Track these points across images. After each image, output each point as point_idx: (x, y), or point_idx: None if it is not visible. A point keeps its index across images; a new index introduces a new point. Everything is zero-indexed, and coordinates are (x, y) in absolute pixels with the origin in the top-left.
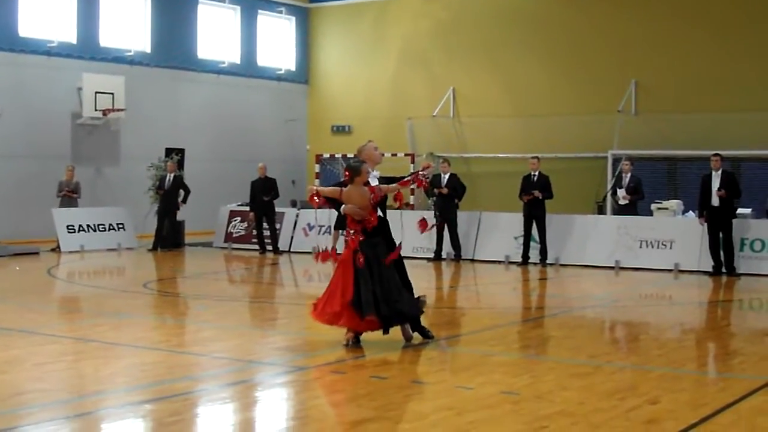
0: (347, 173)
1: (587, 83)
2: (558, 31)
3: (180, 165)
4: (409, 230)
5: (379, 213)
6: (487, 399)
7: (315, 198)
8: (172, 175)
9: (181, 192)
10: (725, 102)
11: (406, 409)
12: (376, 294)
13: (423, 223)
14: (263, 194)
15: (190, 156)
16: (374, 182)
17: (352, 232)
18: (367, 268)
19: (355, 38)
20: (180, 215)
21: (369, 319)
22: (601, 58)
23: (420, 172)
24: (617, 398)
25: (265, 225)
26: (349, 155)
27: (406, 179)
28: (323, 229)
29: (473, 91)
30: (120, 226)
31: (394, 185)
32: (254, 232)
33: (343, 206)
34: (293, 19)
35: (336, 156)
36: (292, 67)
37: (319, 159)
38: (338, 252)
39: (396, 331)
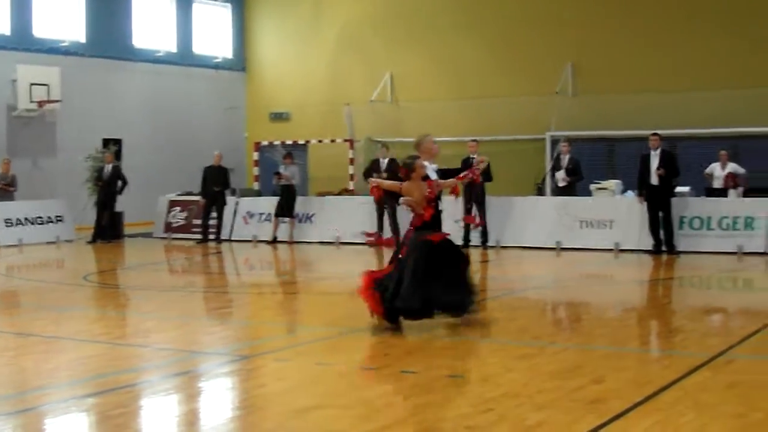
0: (402, 171)
1: (525, 65)
2: (495, 14)
3: (117, 155)
4: (350, 215)
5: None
6: (433, 383)
7: (375, 190)
8: (110, 165)
9: (120, 183)
10: (662, 82)
11: (351, 396)
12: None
13: (470, 219)
14: (215, 183)
15: (128, 146)
16: (433, 175)
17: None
18: (411, 261)
19: (292, 25)
20: (119, 206)
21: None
22: (538, 40)
23: (475, 167)
24: (562, 379)
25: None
26: (287, 142)
27: (463, 174)
28: (263, 216)
29: (411, 75)
30: (58, 218)
31: (451, 180)
32: (197, 221)
33: (401, 198)
34: (229, 6)
35: (275, 143)
36: (229, 55)
37: (257, 146)
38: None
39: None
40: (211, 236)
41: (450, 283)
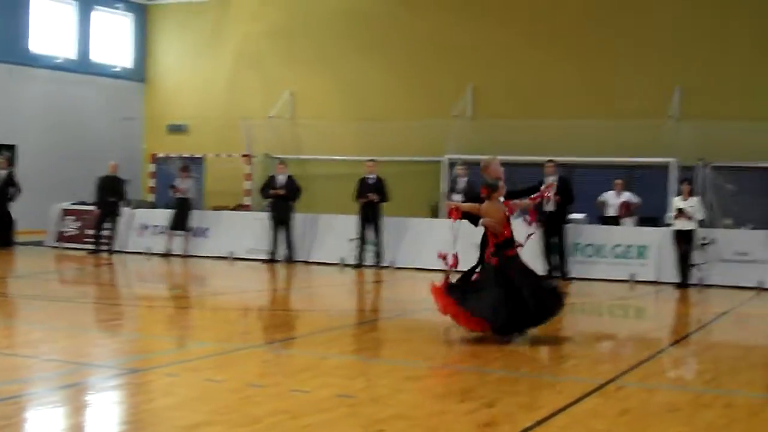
0: (485, 190)
1: (424, 87)
2: (395, 36)
3: (11, 161)
4: (245, 230)
5: None
6: (323, 402)
7: (454, 212)
8: (4, 171)
9: (12, 189)
10: (560, 109)
11: (240, 413)
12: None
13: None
14: (110, 193)
15: (22, 152)
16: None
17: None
18: (491, 278)
19: (192, 37)
20: (11, 213)
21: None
22: (438, 63)
23: (546, 194)
24: (454, 401)
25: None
26: (184, 155)
27: (535, 195)
28: (157, 229)
29: (310, 93)
30: None
31: (526, 200)
32: (90, 231)
33: (481, 219)
34: (131, 15)
35: (171, 155)
36: (129, 65)
37: (154, 158)
38: None
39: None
40: (104, 247)
41: (534, 293)
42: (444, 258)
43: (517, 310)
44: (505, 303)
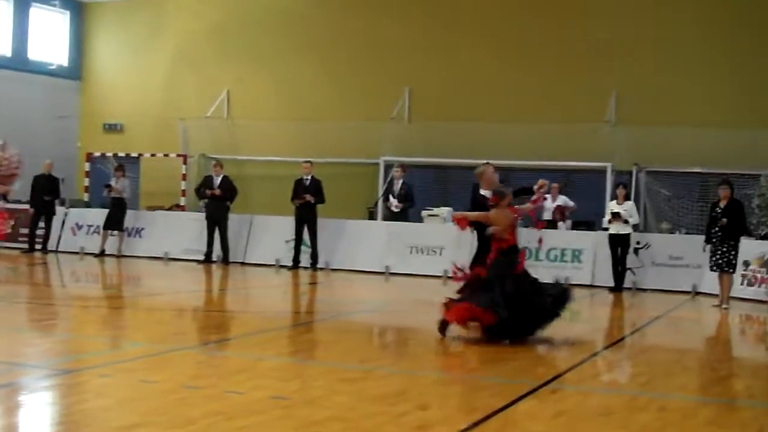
0: (495, 198)
1: (362, 89)
2: (334, 37)
3: None
4: (180, 231)
5: None
6: (258, 404)
7: (462, 222)
8: None
9: None
10: (496, 112)
11: (174, 414)
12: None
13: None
14: (44, 192)
15: None
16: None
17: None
18: (495, 282)
19: (130, 35)
20: None
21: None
22: (376, 65)
23: (540, 191)
24: (388, 403)
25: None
26: (119, 154)
27: (534, 198)
28: (92, 228)
29: (248, 93)
30: None
31: (528, 205)
32: (25, 230)
33: (489, 228)
34: (68, 13)
35: (107, 154)
36: (65, 63)
37: (89, 157)
38: None
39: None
40: (38, 246)
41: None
42: (455, 275)
43: (517, 314)
44: (507, 303)
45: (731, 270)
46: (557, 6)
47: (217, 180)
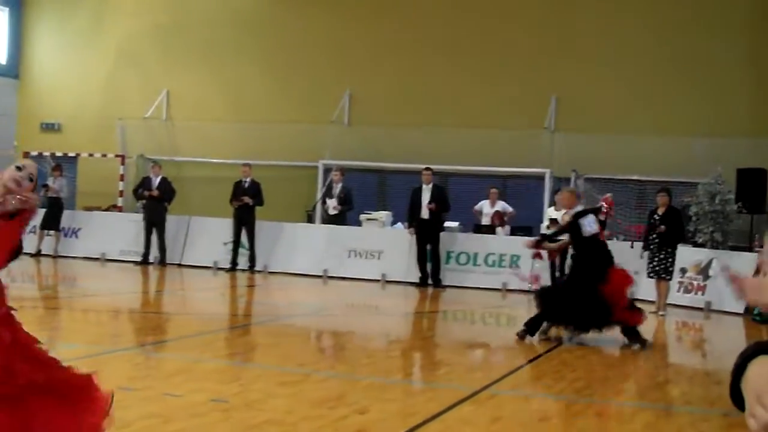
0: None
1: (302, 92)
2: (275, 39)
3: None
4: (117, 231)
5: None
6: (196, 407)
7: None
8: None
9: None
10: (435, 117)
11: (111, 417)
12: None
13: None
14: None
15: None
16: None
17: None
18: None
19: (70, 34)
20: None
21: None
22: (317, 68)
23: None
24: (326, 407)
25: None
26: (57, 154)
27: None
28: (28, 228)
29: (188, 94)
30: None
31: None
32: None
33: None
34: (6, 10)
35: (44, 154)
36: (3, 60)
37: (26, 157)
38: None
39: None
40: None
41: None
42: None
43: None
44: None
45: (668, 277)
46: (498, 12)
47: (156, 181)
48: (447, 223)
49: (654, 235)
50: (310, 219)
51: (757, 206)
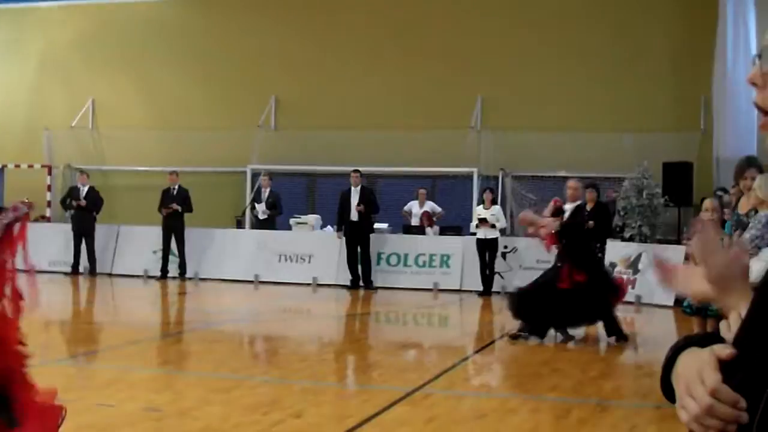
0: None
1: (228, 98)
2: (199, 46)
3: None
4: (46, 243)
5: None
6: (130, 416)
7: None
8: None
9: None
10: (363, 120)
11: None
12: None
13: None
14: None
15: None
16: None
17: None
18: None
19: None
20: None
21: None
22: (242, 74)
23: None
24: (261, 413)
25: None
26: None
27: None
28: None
29: (114, 102)
30: None
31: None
32: None
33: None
34: None
35: None
36: None
37: None
38: None
39: None
40: None
41: None
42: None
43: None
44: None
45: None
46: (421, 14)
47: (83, 191)
48: (376, 225)
49: None
50: (239, 224)
51: (684, 199)
